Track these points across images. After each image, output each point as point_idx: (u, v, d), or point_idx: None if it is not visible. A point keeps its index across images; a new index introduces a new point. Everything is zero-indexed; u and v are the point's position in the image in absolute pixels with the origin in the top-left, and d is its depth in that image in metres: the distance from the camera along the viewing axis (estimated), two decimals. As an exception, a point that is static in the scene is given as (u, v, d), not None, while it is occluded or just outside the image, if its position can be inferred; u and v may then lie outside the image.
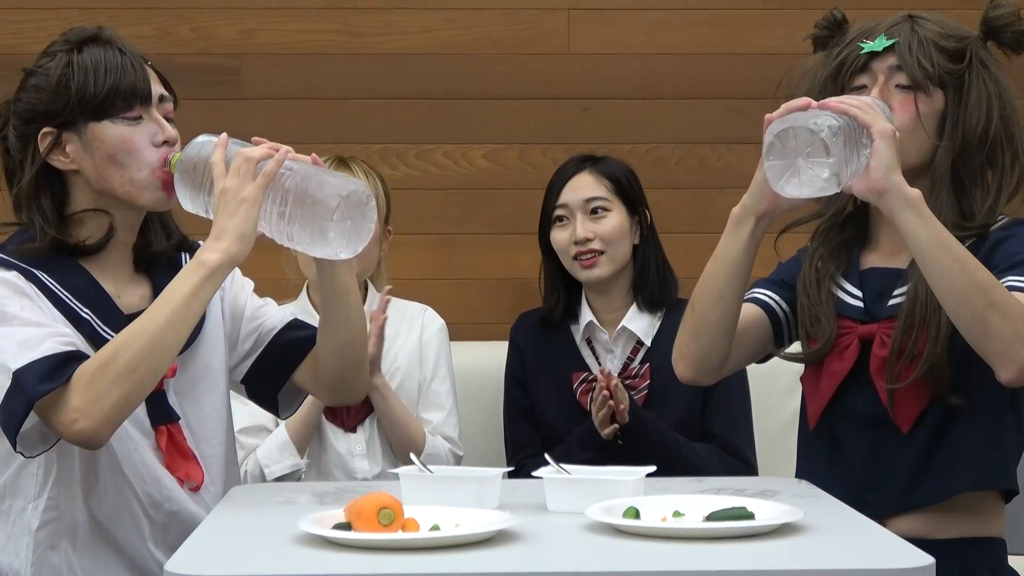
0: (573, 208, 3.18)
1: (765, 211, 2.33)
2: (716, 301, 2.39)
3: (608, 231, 3.16)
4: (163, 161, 2.31)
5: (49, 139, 2.32)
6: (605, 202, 3.18)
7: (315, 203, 2.17)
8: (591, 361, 3.21)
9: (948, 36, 2.40)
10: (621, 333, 3.19)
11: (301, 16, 3.78)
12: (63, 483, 2.29)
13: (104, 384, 2.14)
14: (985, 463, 2.38)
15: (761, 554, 1.83)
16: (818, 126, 2.17)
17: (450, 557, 1.81)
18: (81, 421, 2.14)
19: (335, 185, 2.18)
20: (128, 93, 2.30)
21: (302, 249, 2.25)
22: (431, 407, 3.23)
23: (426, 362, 3.24)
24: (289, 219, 2.19)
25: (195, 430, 2.40)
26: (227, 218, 2.19)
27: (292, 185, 2.19)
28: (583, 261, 3.16)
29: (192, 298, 2.18)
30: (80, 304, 2.30)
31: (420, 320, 3.27)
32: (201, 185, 2.26)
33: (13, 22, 3.70)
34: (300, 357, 2.48)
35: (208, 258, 2.19)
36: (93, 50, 2.31)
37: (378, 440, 3.15)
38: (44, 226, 2.32)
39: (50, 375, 2.15)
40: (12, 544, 2.30)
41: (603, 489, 2.09)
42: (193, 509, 2.36)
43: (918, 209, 2.20)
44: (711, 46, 3.80)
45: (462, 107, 3.79)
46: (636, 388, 3.13)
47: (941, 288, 2.20)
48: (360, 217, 2.19)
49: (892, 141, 2.20)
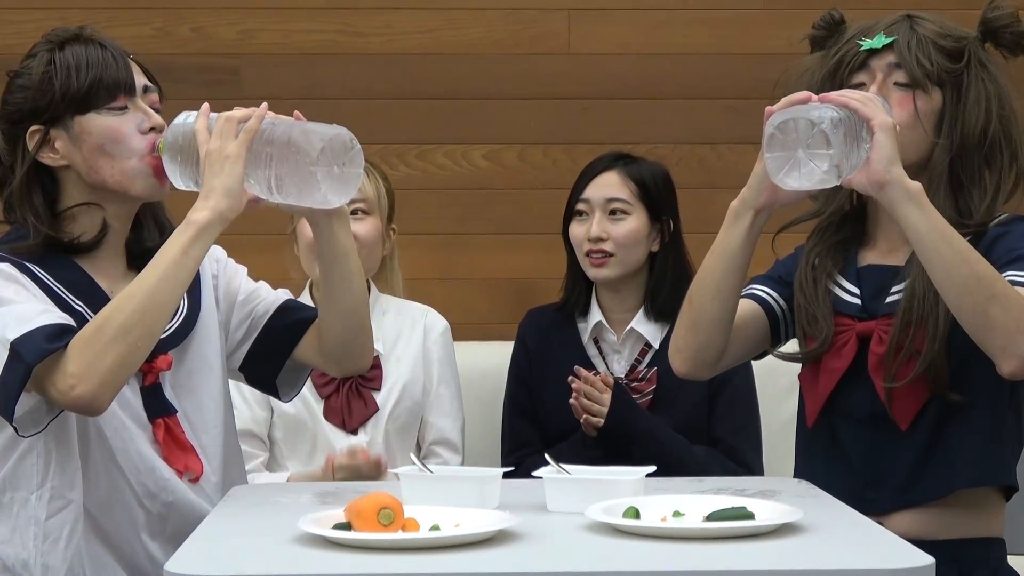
0: (594, 205, 3.17)
1: (764, 204, 2.33)
2: (714, 295, 2.39)
3: (622, 234, 3.14)
4: (151, 147, 2.33)
5: (37, 137, 2.33)
6: (625, 204, 3.15)
7: (299, 150, 2.19)
8: (598, 361, 3.20)
9: (947, 36, 2.41)
10: (629, 335, 3.18)
11: (301, 16, 3.78)
12: (63, 472, 2.29)
13: (100, 347, 2.16)
14: (984, 460, 2.39)
15: (761, 554, 1.83)
16: (819, 117, 2.18)
17: (450, 557, 1.81)
18: (79, 386, 2.15)
19: (318, 131, 2.20)
20: (111, 84, 2.32)
21: (292, 201, 2.24)
22: (437, 412, 3.22)
23: (430, 366, 3.23)
24: (276, 170, 2.21)
25: (193, 422, 2.41)
26: (213, 177, 2.21)
27: (275, 136, 2.22)
28: (593, 259, 3.15)
29: (183, 256, 2.20)
30: (73, 296, 2.31)
31: (422, 323, 3.26)
32: (189, 157, 2.28)
33: (13, 22, 3.70)
34: (295, 339, 2.48)
35: (197, 217, 2.20)
36: (75, 47, 2.33)
37: (380, 442, 3.14)
38: (36, 224, 2.33)
39: (47, 341, 2.16)
40: (18, 536, 2.30)
41: (603, 489, 2.09)
42: (192, 499, 2.36)
43: (919, 202, 2.20)
44: (711, 46, 3.80)
45: (462, 107, 3.79)
46: (642, 391, 3.12)
47: (942, 281, 2.20)
48: (347, 162, 2.20)
49: (893, 134, 2.20)
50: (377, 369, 3.16)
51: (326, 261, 2.38)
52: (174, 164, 2.30)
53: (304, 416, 3.13)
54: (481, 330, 3.60)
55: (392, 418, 3.15)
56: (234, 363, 2.52)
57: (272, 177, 2.21)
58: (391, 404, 3.16)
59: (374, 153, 3.66)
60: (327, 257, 2.37)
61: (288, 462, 3.16)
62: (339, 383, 3.14)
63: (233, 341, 2.51)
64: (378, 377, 3.17)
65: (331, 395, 3.14)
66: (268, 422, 3.15)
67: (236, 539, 2.01)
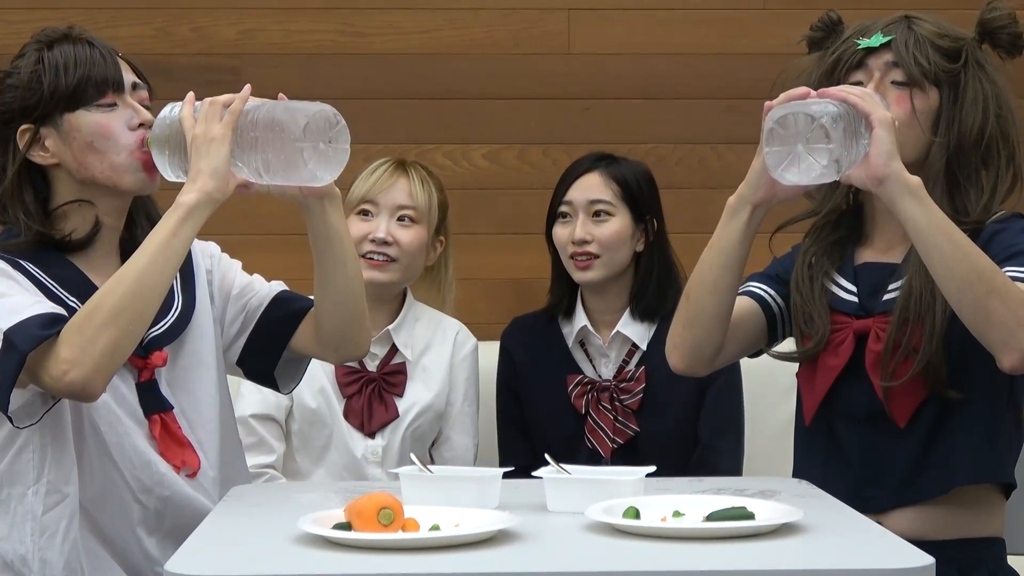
0: (577, 207, 3.16)
1: (761, 200, 2.33)
2: (711, 291, 2.40)
3: (607, 236, 3.13)
4: (140, 142, 2.35)
5: (28, 135, 2.35)
6: (609, 206, 3.14)
7: (284, 128, 2.20)
8: (584, 364, 3.19)
9: (944, 36, 2.41)
10: (616, 337, 3.17)
11: (301, 16, 3.78)
12: (59, 466, 2.29)
13: (91, 331, 2.16)
14: (982, 457, 2.39)
15: (761, 554, 1.83)
16: (819, 112, 2.18)
17: (450, 557, 1.81)
18: (72, 371, 2.15)
19: (302, 108, 2.21)
20: (100, 81, 2.34)
21: (281, 180, 2.25)
22: (459, 429, 3.21)
23: (456, 383, 3.21)
24: (262, 149, 2.22)
25: (190, 417, 2.41)
26: (200, 159, 2.22)
27: (260, 117, 2.23)
28: (578, 262, 3.14)
29: (172, 238, 2.21)
30: (67, 293, 2.32)
31: (452, 339, 3.23)
32: (177, 147, 2.29)
33: (13, 22, 3.70)
34: (291, 330, 2.49)
35: (185, 199, 2.22)
36: (63, 46, 2.35)
37: (396, 448, 3.13)
38: (28, 222, 2.35)
39: (41, 328, 2.17)
40: (16, 532, 2.31)
41: (603, 489, 2.09)
42: (189, 494, 2.37)
43: (919, 196, 2.20)
44: (711, 46, 3.80)
45: (462, 107, 3.79)
46: (631, 392, 3.11)
47: (942, 275, 2.20)
48: (333, 138, 2.21)
49: (891, 129, 2.20)
50: (402, 375, 3.16)
51: (320, 246, 2.38)
52: (163, 156, 2.31)
53: (324, 412, 3.12)
54: (481, 330, 3.59)
55: (412, 427, 3.15)
56: (231, 357, 2.53)
57: (259, 159, 2.22)
58: (413, 413, 3.14)
59: (374, 153, 3.66)
60: (321, 241, 2.37)
61: (299, 455, 3.16)
62: (363, 384, 3.13)
63: (229, 335, 2.51)
64: (402, 384, 3.15)
65: (353, 395, 3.13)
66: (288, 410, 3.15)
67: (236, 539, 2.01)
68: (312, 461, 3.14)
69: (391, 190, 3.14)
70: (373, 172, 3.16)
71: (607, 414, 3.09)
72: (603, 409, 3.10)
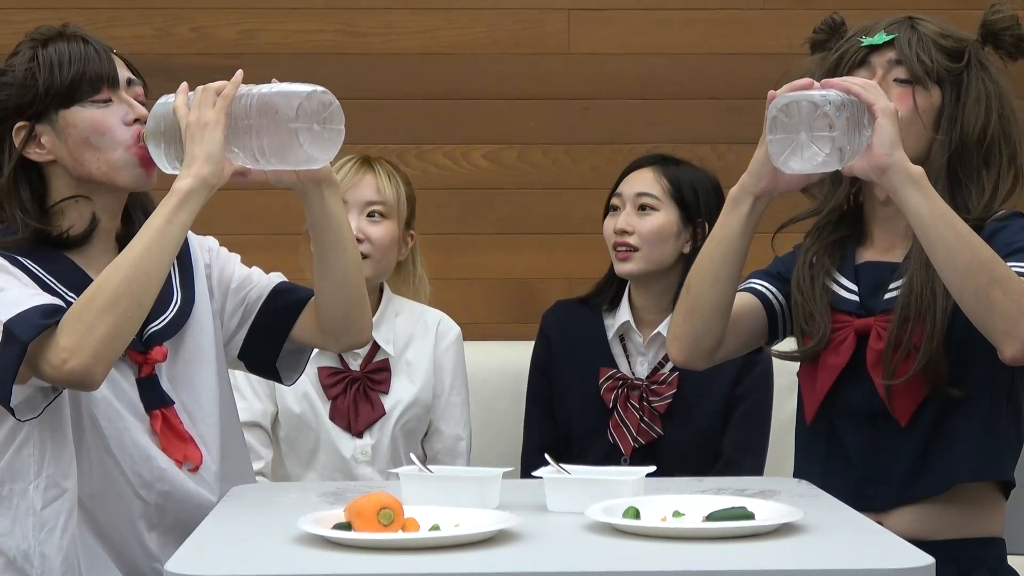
0: (625, 199, 3.16)
1: (763, 190, 2.34)
2: (712, 282, 2.40)
3: (648, 229, 3.11)
4: (136, 137, 2.35)
5: (23, 132, 2.35)
6: (655, 200, 3.13)
7: (277, 110, 2.21)
8: (620, 359, 3.17)
9: (947, 36, 2.42)
10: (655, 338, 3.15)
11: (301, 16, 3.78)
12: (58, 461, 2.29)
13: (90, 319, 2.17)
14: (983, 455, 2.39)
15: (761, 554, 1.83)
16: (823, 100, 2.18)
17: (450, 557, 1.81)
18: (71, 360, 2.16)
19: (295, 90, 2.22)
20: (94, 77, 2.34)
21: (277, 163, 2.25)
22: (448, 420, 3.21)
23: (442, 373, 3.20)
24: (256, 132, 2.22)
25: (191, 412, 2.41)
26: (194, 145, 2.23)
27: (254, 101, 2.24)
28: (619, 253, 3.14)
29: (168, 224, 2.21)
30: (65, 289, 2.32)
31: (435, 329, 3.22)
32: (172, 139, 2.30)
33: (13, 22, 3.70)
34: (291, 320, 2.49)
35: (180, 185, 2.22)
36: (58, 44, 2.36)
37: (386, 446, 3.13)
38: (25, 218, 2.35)
39: (41, 318, 2.18)
40: (18, 528, 2.31)
41: (603, 489, 2.09)
42: (191, 488, 2.37)
43: (921, 186, 2.20)
44: (711, 46, 3.80)
45: (462, 107, 3.79)
46: (661, 394, 3.09)
47: (944, 264, 2.20)
48: (328, 119, 2.22)
49: (894, 119, 2.21)
50: (386, 372, 3.15)
51: (319, 231, 2.38)
52: (159, 148, 2.32)
53: (309, 416, 3.12)
54: (481, 330, 3.60)
55: (400, 423, 3.14)
56: (232, 351, 2.53)
57: (255, 143, 2.23)
58: (400, 409, 3.14)
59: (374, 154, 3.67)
60: (320, 227, 2.37)
61: (287, 460, 3.15)
62: (347, 384, 3.12)
63: (229, 328, 2.51)
64: (386, 380, 3.14)
65: (338, 396, 3.12)
66: (273, 417, 3.15)
67: (236, 539, 2.01)
68: (302, 465, 3.13)
69: (359, 187, 3.12)
70: (339, 171, 3.09)
71: (634, 412, 3.09)
72: (631, 407, 3.09)
